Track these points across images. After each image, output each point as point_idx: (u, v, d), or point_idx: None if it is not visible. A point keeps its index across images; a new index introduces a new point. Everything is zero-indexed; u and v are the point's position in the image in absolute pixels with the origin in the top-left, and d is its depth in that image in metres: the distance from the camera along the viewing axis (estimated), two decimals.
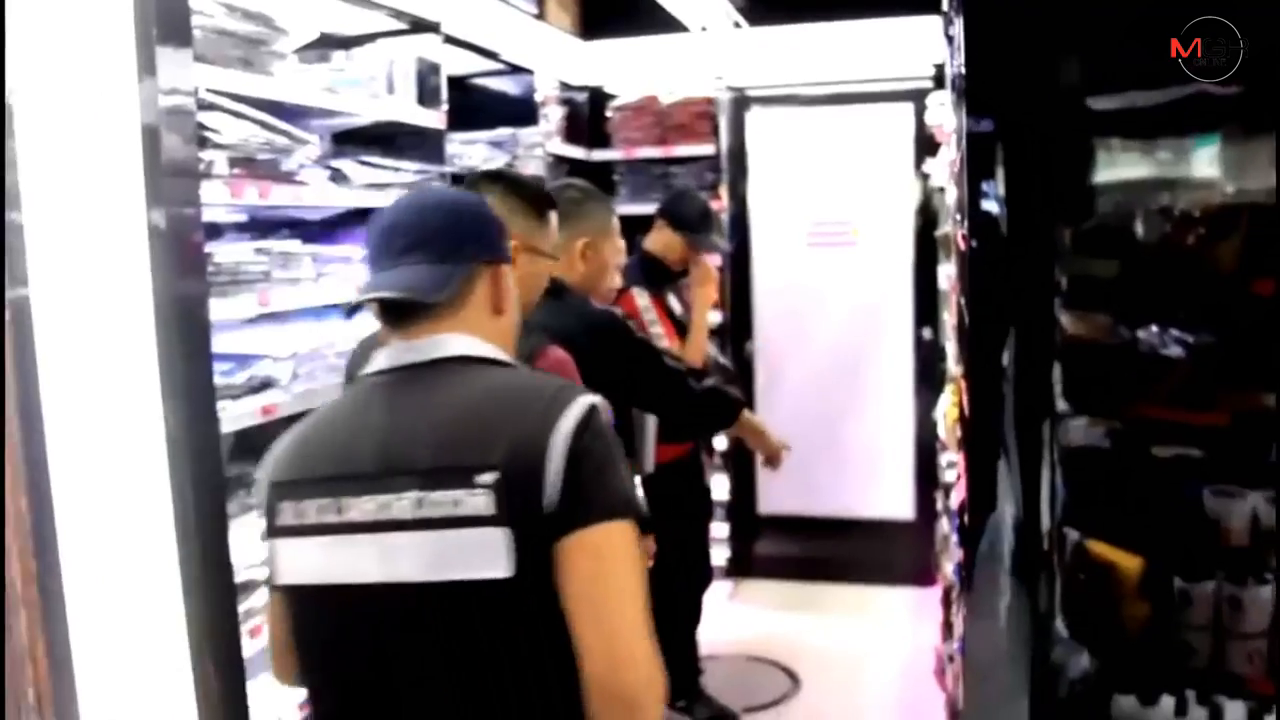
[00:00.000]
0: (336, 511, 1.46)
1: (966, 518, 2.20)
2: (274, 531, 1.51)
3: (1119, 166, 2.58)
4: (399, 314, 1.57)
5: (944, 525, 4.04)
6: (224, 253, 2.51)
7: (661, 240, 3.89)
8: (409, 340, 1.56)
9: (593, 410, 1.46)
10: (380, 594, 1.45)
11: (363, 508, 1.44)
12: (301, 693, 1.75)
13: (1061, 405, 2.20)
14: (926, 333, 5.14)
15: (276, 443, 1.61)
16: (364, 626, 1.48)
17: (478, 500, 1.39)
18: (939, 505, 4.42)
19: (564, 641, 1.40)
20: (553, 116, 4.92)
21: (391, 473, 1.44)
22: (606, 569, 1.40)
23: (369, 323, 2.60)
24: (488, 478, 1.39)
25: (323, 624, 1.54)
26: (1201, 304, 2.40)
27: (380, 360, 1.58)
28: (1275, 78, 2.03)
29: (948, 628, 3.41)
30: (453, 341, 1.55)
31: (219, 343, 2.31)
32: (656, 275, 3.80)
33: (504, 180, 2.30)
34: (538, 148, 4.38)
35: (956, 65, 2.09)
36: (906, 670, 4.32)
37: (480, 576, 1.39)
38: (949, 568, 3.42)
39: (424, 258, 1.55)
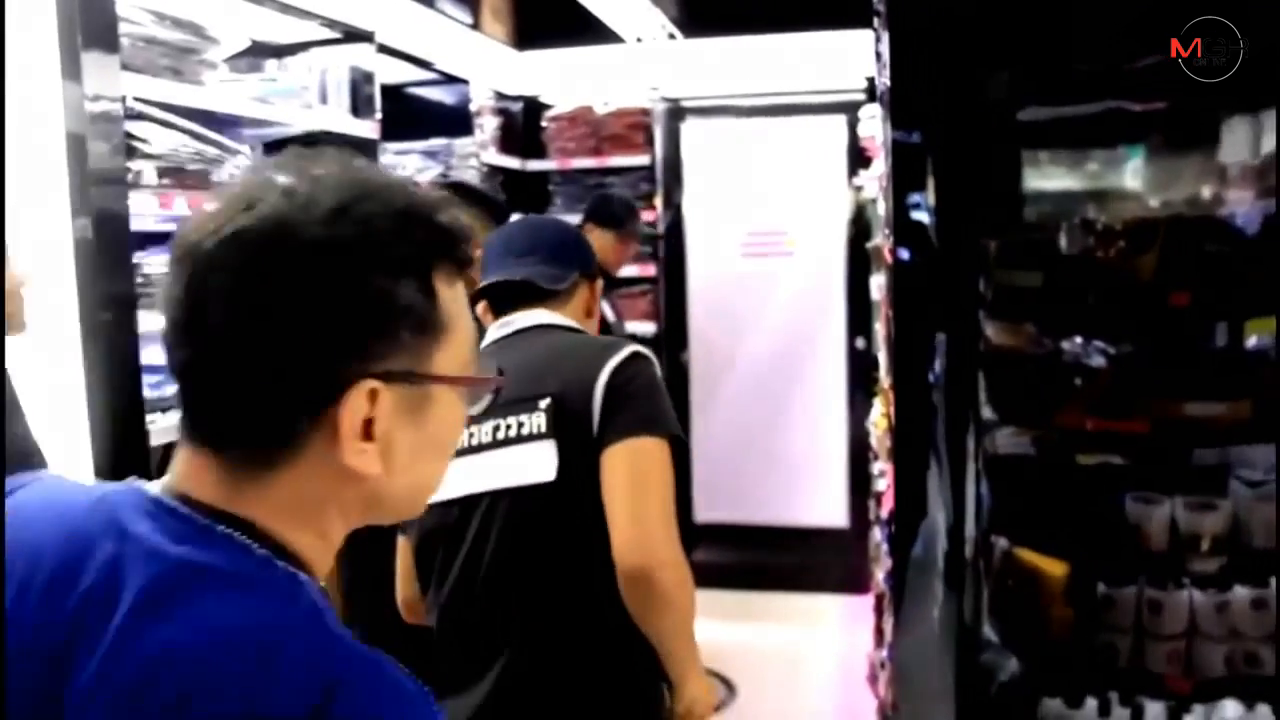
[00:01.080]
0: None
1: (895, 526, 2.23)
2: None
3: (1041, 179, 2.64)
4: (512, 300, 1.94)
5: (876, 533, 4.09)
6: (153, 264, 2.47)
7: (594, 244, 3.89)
8: (509, 318, 1.93)
9: (635, 354, 1.81)
10: (465, 505, 1.78)
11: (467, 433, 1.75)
12: None
13: (988, 414, 2.24)
14: (860, 343, 5.20)
15: None
16: (455, 531, 1.79)
17: (537, 419, 1.74)
18: (872, 514, 4.47)
19: (601, 537, 1.69)
20: (488, 126, 4.90)
21: (483, 414, 1.76)
22: (639, 470, 1.71)
23: None
24: (544, 402, 1.74)
25: (433, 537, 1.83)
26: (1122, 315, 2.45)
27: (489, 335, 1.94)
28: (1198, 91, 2.08)
29: (879, 634, 3.45)
30: (543, 314, 1.93)
31: (149, 355, 2.27)
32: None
33: (462, 189, 2.40)
34: (472, 158, 4.37)
35: (884, 79, 2.13)
36: (841, 677, 4.36)
37: (532, 481, 1.73)
38: (880, 575, 3.47)
39: (539, 260, 1.94)
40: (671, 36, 5.39)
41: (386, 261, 0.80)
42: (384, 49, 3.59)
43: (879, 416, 3.32)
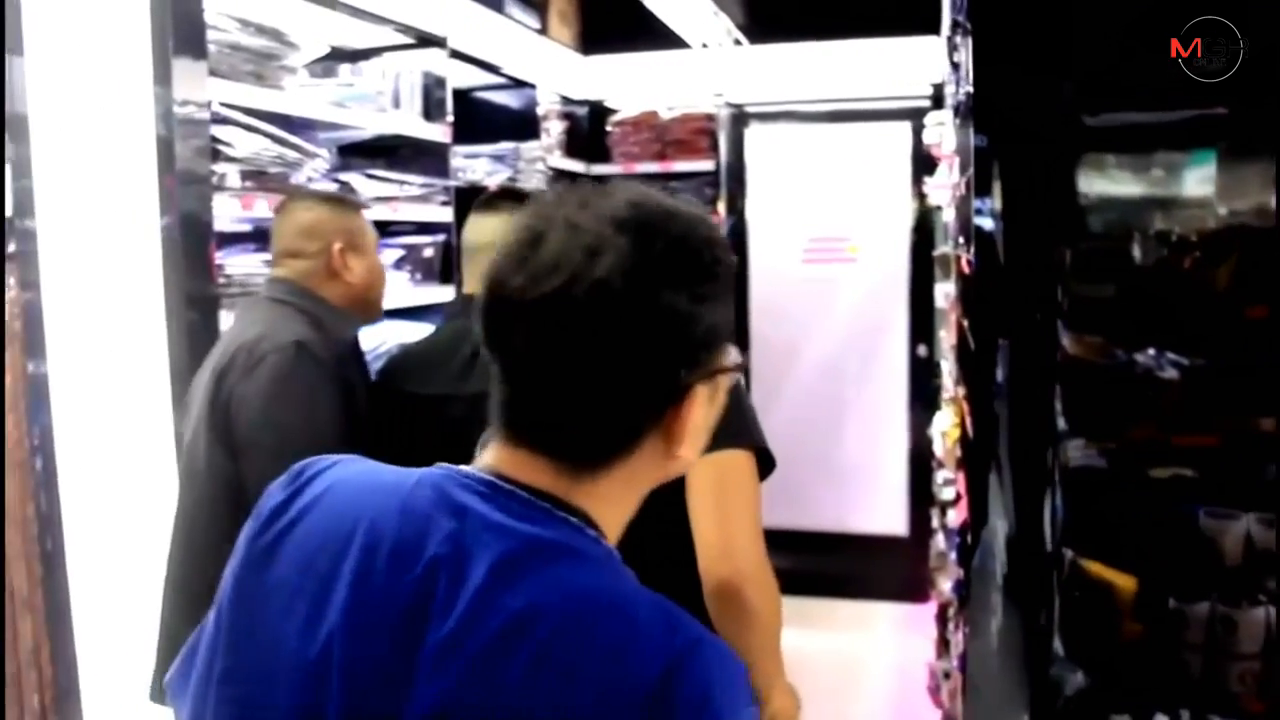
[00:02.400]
0: None
1: (967, 536, 2.22)
2: None
3: (1121, 185, 2.62)
4: None
5: (938, 541, 4.07)
6: (234, 264, 2.53)
7: None
8: None
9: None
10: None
11: None
12: None
13: (1062, 425, 2.23)
14: (922, 350, 5.17)
15: None
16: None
17: None
18: (933, 522, 4.45)
19: (686, 549, 1.63)
20: (553, 130, 4.94)
21: None
22: (725, 483, 1.64)
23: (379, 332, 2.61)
24: None
25: None
26: (1196, 328, 2.43)
27: None
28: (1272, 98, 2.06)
29: (944, 644, 3.44)
30: None
31: None
32: None
33: (517, 197, 2.38)
34: (539, 161, 4.41)
35: (962, 86, 2.12)
36: (899, 686, 4.34)
37: None
38: (945, 585, 3.45)
39: None
40: (737, 42, 5.40)
41: (710, 293, 0.93)
42: (454, 54, 3.65)
43: (949, 426, 3.30)
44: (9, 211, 2.41)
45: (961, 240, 2.28)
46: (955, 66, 2.43)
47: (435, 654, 0.83)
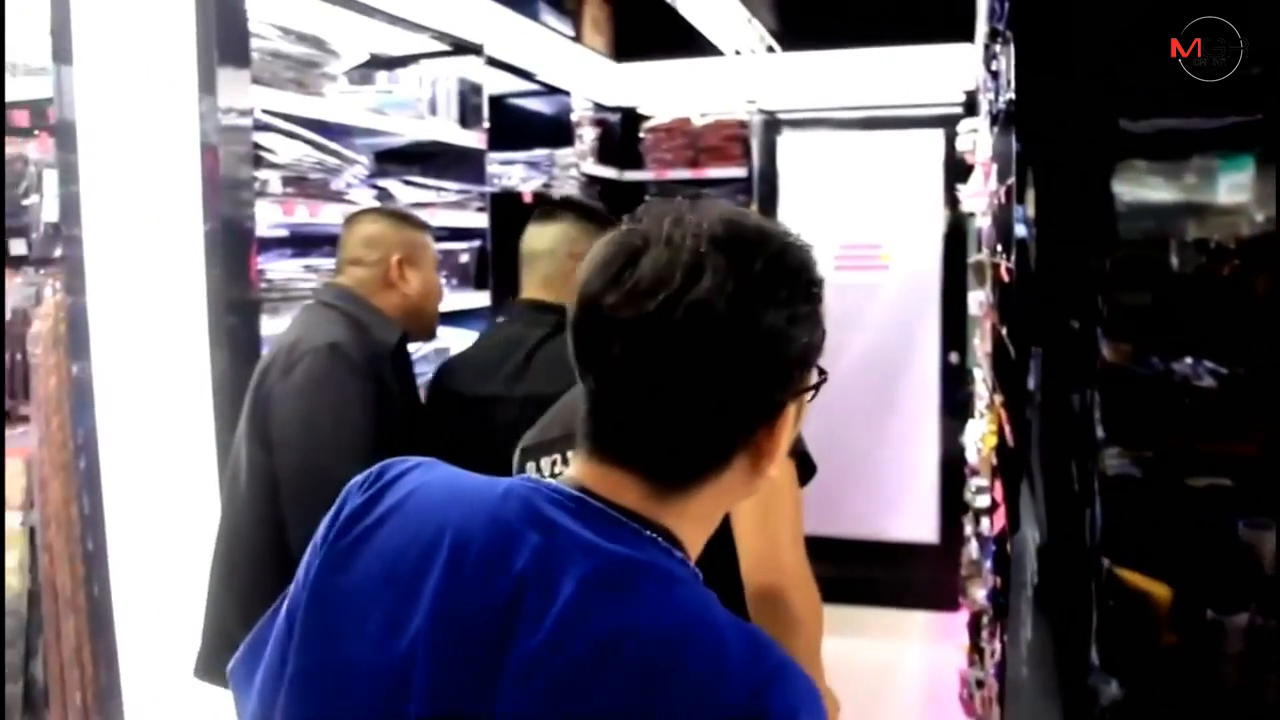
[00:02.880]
0: (564, 463, 1.63)
1: (1004, 544, 2.22)
2: None
3: (1157, 192, 2.61)
4: None
5: (971, 550, 4.05)
6: (275, 269, 2.56)
7: None
8: None
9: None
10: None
11: None
12: None
13: (1100, 434, 2.23)
14: (954, 357, 5.16)
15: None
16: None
17: None
18: (966, 530, 4.43)
19: (729, 556, 1.60)
20: (587, 137, 4.97)
21: None
22: (770, 491, 1.59)
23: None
24: None
25: None
26: (1235, 336, 2.42)
27: None
28: None
29: (977, 652, 3.43)
30: None
31: None
32: None
33: (576, 206, 2.42)
34: (572, 168, 4.43)
35: (1003, 94, 2.13)
36: (930, 694, 4.33)
37: None
38: (978, 593, 3.44)
39: None
40: (769, 49, 5.41)
41: (805, 313, 0.94)
42: (489, 61, 3.68)
43: (985, 434, 3.29)
44: (55, 217, 2.46)
45: (1000, 248, 2.28)
46: (994, 75, 2.43)
47: (521, 668, 0.83)
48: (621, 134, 5.40)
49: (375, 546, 0.94)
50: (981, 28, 3.30)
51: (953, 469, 5.04)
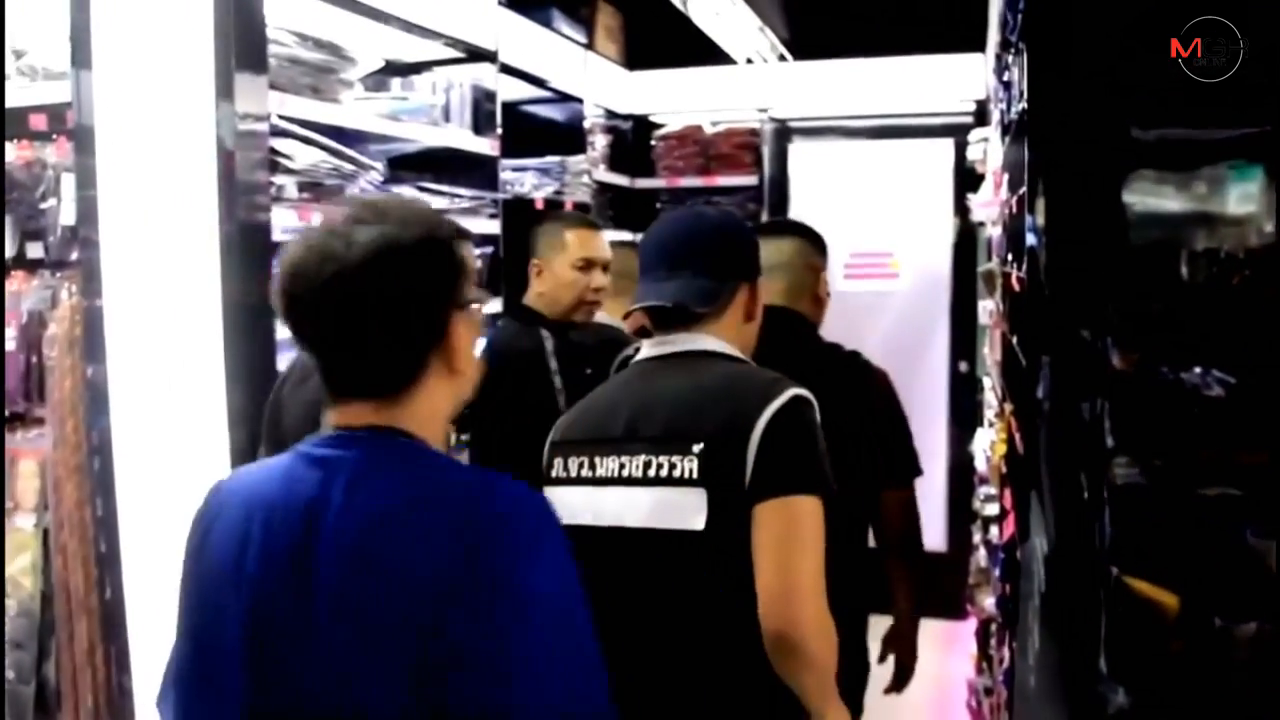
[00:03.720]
0: (590, 468, 1.79)
1: (1014, 552, 2.23)
2: (548, 481, 1.83)
3: (1166, 201, 2.61)
4: (667, 318, 1.86)
5: (979, 558, 4.05)
6: None
7: None
8: (667, 335, 1.86)
9: (796, 399, 1.71)
10: (615, 535, 1.75)
11: (608, 465, 1.77)
12: None
13: (1110, 443, 2.23)
14: (963, 366, 5.17)
15: (566, 413, 1.96)
16: (601, 560, 1.69)
17: (689, 464, 1.69)
18: (975, 537, 4.43)
19: (747, 588, 1.65)
20: (599, 144, 4.99)
21: (632, 439, 1.76)
22: (792, 531, 1.65)
23: None
24: (697, 447, 1.69)
25: (584, 557, 1.78)
26: (1245, 345, 2.42)
27: (645, 349, 1.90)
28: None
29: (985, 660, 3.43)
30: (700, 339, 1.84)
31: (285, 364, 2.37)
32: None
33: (799, 227, 2.55)
34: (584, 175, 4.44)
35: (1015, 104, 2.14)
36: (938, 702, 4.33)
37: (682, 527, 1.69)
38: (987, 601, 3.44)
39: (696, 271, 1.84)
40: (781, 58, 5.42)
41: (452, 242, 1.27)
42: (503, 68, 3.69)
43: (995, 442, 3.30)
44: (72, 221, 2.48)
45: (1011, 257, 2.29)
46: (1005, 85, 2.44)
47: (326, 555, 1.17)
48: (633, 141, 5.42)
49: (213, 540, 1.27)
50: (993, 38, 3.31)
51: (961, 477, 5.04)
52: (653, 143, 5.44)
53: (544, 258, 2.87)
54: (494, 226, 3.59)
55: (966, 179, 4.97)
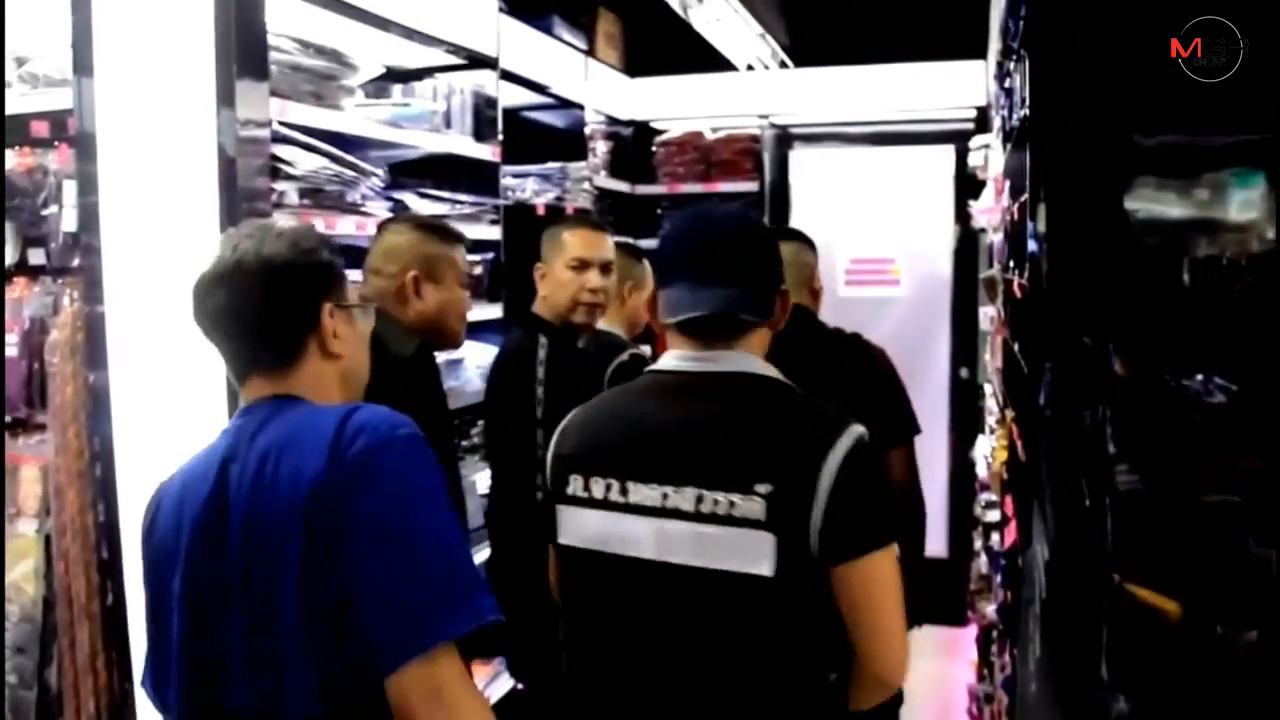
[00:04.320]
0: (621, 492, 1.65)
1: (1018, 560, 2.23)
2: (560, 498, 1.72)
3: (1168, 207, 2.62)
4: (704, 329, 1.69)
5: (980, 564, 4.05)
6: None
7: None
8: (704, 350, 1.69)
9: (860, 442, 1.61)
10: (652, 570, 1.63)
11: (646, 494, 1.63)
12: None
13: (1112, 449, 2.23)
14: (964, 372, 5.16)
15: (565, 421, 1.80)
16: (632, 594, 1.66)
17: (752, 506, 1.56)
18: (976, 544, 4.43)
19: (812, 632, 1.61)
20: (599, 150, 4.99)
21: (676, 467, 1.61)
22: (877, 587, 1.61)
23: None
24: (763, 488, 1.56)
25: (592, 584, 1.72)
26: (1246, 352, 2.42)
27: (670, 362, 1.72)
28: None
29: (986, 667, 3.43)
30: (744, 359, 1.69)
31: None
32: None
33: (794, 233, 2.56)
34: (585, 181, 4.45)
35: (1016, 110, 2.14)
36: (939, 709, 4.32)
37: (745, 570, 1.57)
38: (988, 608, 3.44)
39: (740, 278, 1.68)
40: (782, 65, 5.43)
41: (317, 254, 1.52)
42: (503, 74, 3.70)
43: (996, 449, 3.30)
44: (74, 227, 2.48)
45: (1012, 263, 2.29)
46: (1007, 91, 2.45)
47: (235, 494, 1.41)
48: (634, 148, 5.43)
49: (156, 535, 1.51)
50: (994, 44, 3.32)
51: (962, 484, 5.04)
52: (653, 149, 5.44)
53: (546, 261, 2.87)
54: (495, 233, 3.59)
55: (967, 185, 4.97)
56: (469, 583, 1.37)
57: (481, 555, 3.06)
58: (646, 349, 3.35)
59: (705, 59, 5.28)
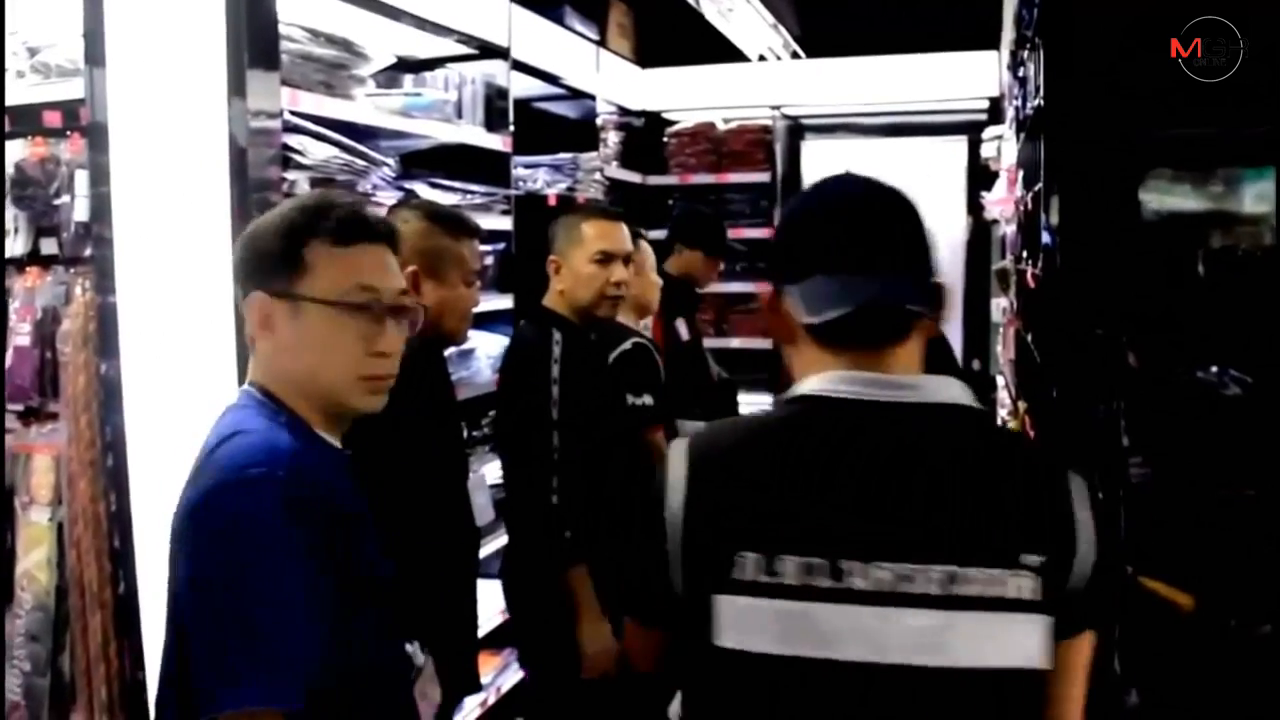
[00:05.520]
0: (832, 575, 1.20)
1: None
2: (720, 584, 1.23)
3: (1183, 200, 2.60)
4: (865, 328, 1.27)
5: None
6: None
7: (682, 261, 3.92)
8: (877, 365, 1.28)
9: (1093, 487, 1.26)
10: (872, 676, 1.21)
11: (874, 575, 1.20)
12: None
13: (1126, 442, 2.22)
14: (976, 364, 5.15)
15: (688, 468, 1.29)
16: (840, 711, 1.23)
17: (1022, 582, 1.20)
18: None
19: None
20: (611, 141, 4.98)
21: (917, 538, 1.21)
22: (1084, 672, 1.29)
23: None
24: (1033, 559, 1.20)
25: (775, 701, 1.25)
26: (1260, 344, 2.41)
27: (840, 385, 1.28)
28: None
29: None
30: (945, 386, 1.29)
31: None
32: (682, 298, 3.83)
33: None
34: (596, 172, 4.43)
35: (1030, 101, 2.13)
36: None
37: (1014, 665, 1.21)
38: None
39: (903, 262, 1.31)
40: (794, 55, 5.41)
41: (251, 259, 1.48)
42: (515, 64, 3.69)
43: None
44: (86, 217, 2.48)
45: (1025, 255, 2.28)
46: (1021, 81, 2.44)
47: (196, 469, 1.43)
48: (645, 138, 5.41)
49: None
50: (1008, 34, 3.30)
51: None
52: (665, 139, 5.43)
53: (561, 253, 2.73)
54: (506, 223, 3.58)
55: (980, 176, 4.95)
56: (271, 660, 1.26)
57: (496, 544, 3.06)
58: (647, 329, 3.33)
59: (717, 49, 5.26)
